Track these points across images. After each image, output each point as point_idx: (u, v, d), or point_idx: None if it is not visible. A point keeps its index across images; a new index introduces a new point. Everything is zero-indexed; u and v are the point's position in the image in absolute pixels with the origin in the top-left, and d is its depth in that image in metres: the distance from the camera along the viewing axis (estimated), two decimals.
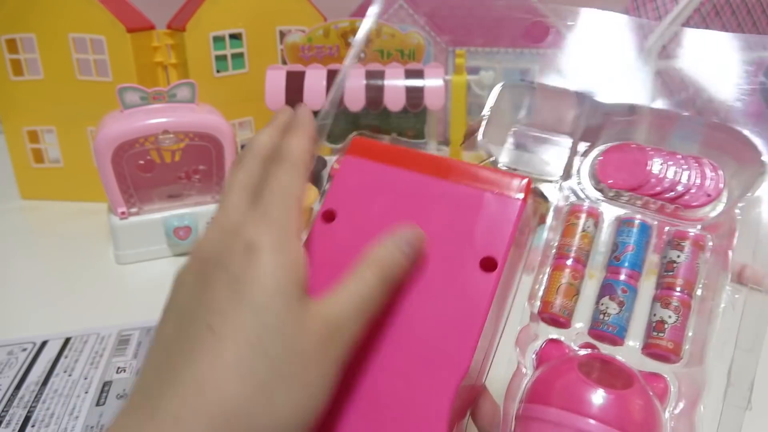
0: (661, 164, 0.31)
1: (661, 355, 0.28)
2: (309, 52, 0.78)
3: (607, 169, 0.32)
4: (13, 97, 0.80)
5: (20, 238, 0.75)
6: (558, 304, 0.30)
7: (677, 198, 0.30)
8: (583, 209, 0.32)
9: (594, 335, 0.29)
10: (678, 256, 0.29)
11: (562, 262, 0.31)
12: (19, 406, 0.45)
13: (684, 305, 0.28)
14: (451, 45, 0.86)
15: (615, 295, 0.29)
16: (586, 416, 0.25)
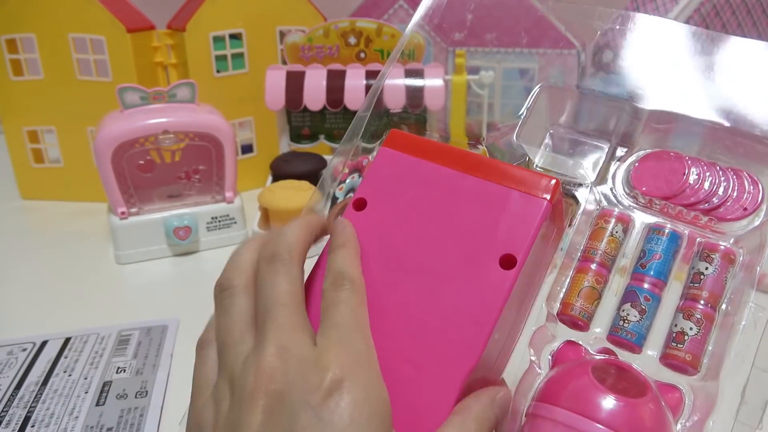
0: (698, 174, 0.31)
1: (679, 367, 0.28)
2: (309, 52, 0.78)
3: (643, 176, 0.32)
4: (13, 97, 0.80)
5: (20, 238, 0.75)
6: (578, 307, 0.30)
7: (712, 210, 0.30)
8: (614, 214, 0.31)
9: (612, 341, 0.29)
10: (706, 268, 0.29)
11: (586, 265, 0.30)
12: (19, 406, 0.45)
13: (707, 318, 0.28)
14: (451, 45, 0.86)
15: (637, 302, 0.29)
16: (595, 421, 0.25)
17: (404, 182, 0.30)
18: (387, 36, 0.77)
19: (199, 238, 0.70)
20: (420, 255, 0.28)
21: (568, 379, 0.28)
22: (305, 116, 0.79)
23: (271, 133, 0.81)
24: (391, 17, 0.86)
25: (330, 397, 0.22)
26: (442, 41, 0.86)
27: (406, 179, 0.30)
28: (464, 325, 0.26)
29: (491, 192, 0.28)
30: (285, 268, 0.26)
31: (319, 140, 0.80)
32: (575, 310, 0.30)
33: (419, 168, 0.30)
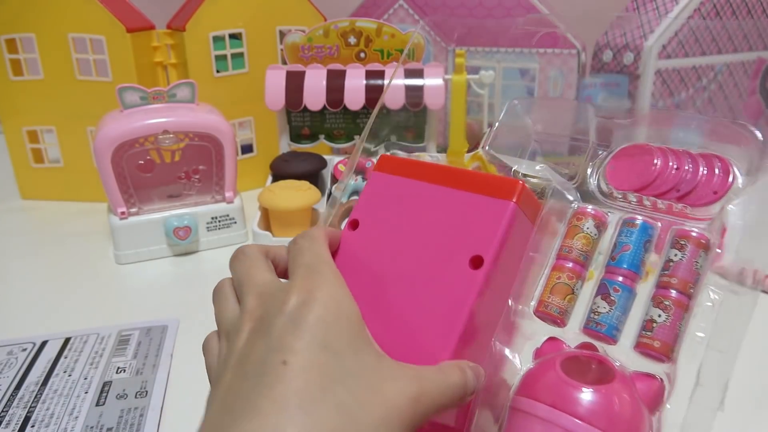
0: (668, 163, 0.31)
1: (651, 355, 0.28)
2: (309, 52, 0.78)
3: (616, 172, 0.33)
4: (12, 97, 0.80)
5: (20, 238, 0.75)
6: (552, 303, 0.31)
7: (684, 197, 0.30)
8: (587, 212, 0.32)
9: (587, 333, 0.30)
10: (675, 255, 0.29)
11: (560, 263, 0.31)
12: (19, 406, 0.45)
13: (677, 305, 0.28)
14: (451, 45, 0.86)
15: (607, 294, 0.30)
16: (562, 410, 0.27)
17: (391, 200, 0.34)
18: (387, 36, 0.77)
19: (199, 238, 0.70)
20: (404, 263, 0.31)
21: (538, 372, 0.30)
22: (305, 116, 0.78)
23: (271, 133, 0.81)
24: (391, 17, 0.86)
25: (302, 305, 0.25)
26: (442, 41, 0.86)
27: (393, 198, 0.34)
28: (439, 322, 0.29)
29: (464, 200, 0.31)
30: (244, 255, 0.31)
31: (319, 140, 0.80)
32: (549, 307, 0.31)
33: (404, 186, 0.34)
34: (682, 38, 0.80)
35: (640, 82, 0.80)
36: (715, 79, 0.85)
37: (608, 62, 0.83)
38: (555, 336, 0.31)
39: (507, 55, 0.84)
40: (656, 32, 0.78)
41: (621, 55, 0.81)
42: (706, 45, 0.82)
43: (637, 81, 0.80)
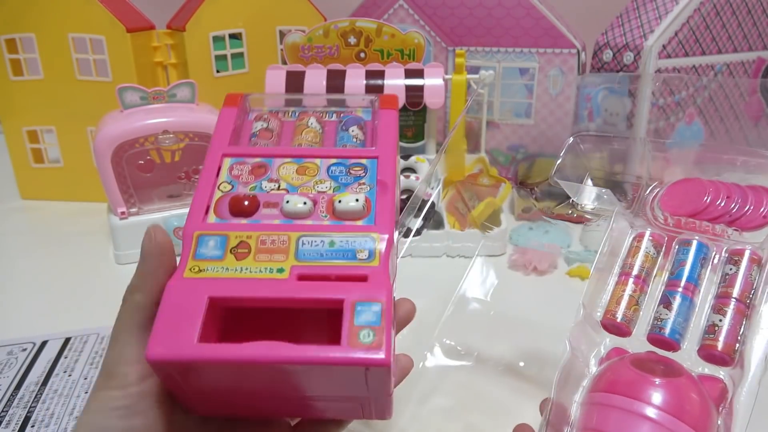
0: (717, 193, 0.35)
1: (715, 356, 0.30)
2: (309, 52, 0.78)
3: (670, 200, 0.36)
4: (12, 97, 0.79)
5: (20, 238, 0.75)
6: (619, 312, 0.33)
7: (734, 221, 0.34)
8: (646, 235, 0.35)
9: (651, 339, 0.32)
10: (731, 269, 0.33)
11: (624, 278, 0.34)
12: (19, 407, 0.45)
13: (736, 312, 0.31)
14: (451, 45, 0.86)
15: (669, 303, 0.32)
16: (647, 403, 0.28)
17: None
18: (387, 36, 0.77)
19: None
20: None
21: (609, 371, 0.31)
22: None
23: None
24: (391, 17, 0.86)
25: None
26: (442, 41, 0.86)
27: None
28: None
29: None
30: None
31: None
32: (616, 315, 0.33)
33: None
34: (682, 38, 0.80)
35: (640, 82, 0.80)
36: (716, 78, 0.85)
37: (608, 62, 0.83)
38: (619, 346, 0.33)
39: (507, 55, 0.84)
40: (656, 32, 0.78)
41: (621, 54, 0.81)
42: (706, 45, 0.82)
43: (638, 80, 0.80)
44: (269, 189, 0.31)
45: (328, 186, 0.31)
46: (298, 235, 0.29)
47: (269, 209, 0.30)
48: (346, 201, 0.30)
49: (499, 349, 0.50)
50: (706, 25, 0.81)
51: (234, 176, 0.31)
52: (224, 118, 0.33)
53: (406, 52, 0.78)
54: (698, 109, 0.86)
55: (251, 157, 0.32)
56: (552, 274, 0.63)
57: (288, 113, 0.33)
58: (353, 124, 0.33)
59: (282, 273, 0.28)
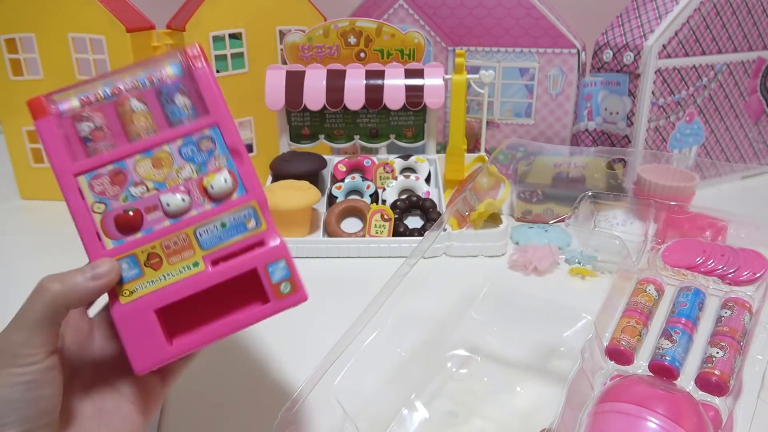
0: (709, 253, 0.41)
1: (712, 384, 0.33)
2: (309, 52, 0.78)
3: (671, 254, 0.43)
4: (12, 96, 0.80)
5: (20, 238, 0.75)
6: (623, 339, 0.36)
7: (725, 276, 0.40)
8: (649, 280, 0.41)
9: (652, 366, 0.35)
10: (725, 312, 0.37)
11: (629, 312, 0.39)
12: None
13: (731, 346, 0.35)
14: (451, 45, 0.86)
15: (670, 335, 0.36)
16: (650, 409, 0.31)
17: None
18: (387, 36, 0.77)
19: None
20: None
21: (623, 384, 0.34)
22: (305, 116, 0.79)
23: (271, 133, 0.81)
24: (390, 17, 0.86)
25: None
26: (442, 41, 0.86)
27: None
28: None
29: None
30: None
31: (319, 140, 0.80)
32: (621, 342, 0.36)
33: None
34: (682, 38, 0.80)
35: (641, 81, 0.80)
36: (716, 78, 0.85)
37: (608, 61, 0.83)
38: (621, 373, 0.36)
39: (507, 55, 0.84)
40: (656, 32, 0.78)
41: (621, 54, 0.81)
42: (706, 45, 0.82)
43: (638, 80, 0.80)
44: (140, 194, 0.32)
45: (190, 170, 0.33)
46: (193, 229, 0.32)
47: (152, 214, 0.32)
48: (217, 185, 0.33)
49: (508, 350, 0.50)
50: (706, 25, 0.81)
51: (99, 193, 0.32)
52: (47, 133, 0.31)
53: (406, 51, 0.78)
54: (698, 109, 0.86)
55: (102, 167, 0.32)
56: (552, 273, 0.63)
57: (99, 96, 0.32)
58: (175, 92, 0.33)
59: (198, 266, 0.32)
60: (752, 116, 0.93)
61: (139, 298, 0.32)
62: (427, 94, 0.75)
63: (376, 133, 0.79)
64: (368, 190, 0.74)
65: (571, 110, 0.85)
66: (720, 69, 0.85)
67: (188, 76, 0.34)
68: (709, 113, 0.87)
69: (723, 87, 0.87)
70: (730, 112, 0.90)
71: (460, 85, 0.75)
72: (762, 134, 0.96)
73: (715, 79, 0.85)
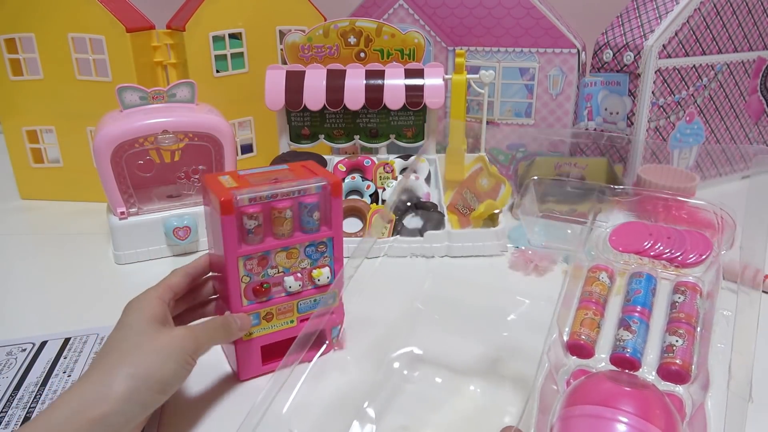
0: (657, 236, 0.40)
1: (674, 372, 0.33)
2: (309, 52, 0.78)
3: (617, 239, 0.42)
4: (12, 96, 0.80)
5: (20, 238, 0.75)
6: (583, 333, 0.36)
7: (672, 260, 0.39)
8: (600, 267, 0.40)
9: (614, 360, 0.35)
10: (679, 298, 0.37)
11: (585, 304, 0.38)
12: (18, 407, 0.45)
13: (688, 333, 0.35)
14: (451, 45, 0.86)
15: (628, 325, 0.36)
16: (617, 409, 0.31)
17: None
18: (387, 36, 0.77)
19: (199, 238, 0.70)
20: None
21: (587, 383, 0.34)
22: (305, 116, 0.78)
23: (271, 133, 0.81)
24: (390, 17, 0.86)
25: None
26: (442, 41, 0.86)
27: None
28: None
29: None
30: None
31: (318, 140, 0.80)
32: (581, 336, 0.36)
33: None
34: (682, 38, 0.79)
35: (641, 81, 0.80)
36: (716, 78, 0.85)
37: (608, 61, 0.83)
38: (583, 367, 0.36)
39: (507, 55, 0.84)
40: (656, 32, 0.78)
41: (621, 54, 0.81)
42: (707, 45, 0.82)
43: (638, 80, 0.80)
44: (273, 273, 0.47)
45: (307, 263, 0.48)
46: (297, 302, 0.49)
47: (276, 288, 0.48)
48: (322, 279, 0.49)
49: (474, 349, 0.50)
50: (706, 25, 0.81)
51: (248, 270, 0.46)
52: (228, 226, 0.44)
53: (406, 51, 0.78)
54: (698, 109, 0.86)
55: (255, 253, 0.46)
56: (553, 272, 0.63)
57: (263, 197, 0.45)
58: (315, 209, 0.47)
59: (292, 323, 0.49)
60: (752, 116, 0.93)
61: (254, 338, 0.48)
62: (427, 94, 0.75)
63: (376, 133, 0.79)
64: (368, 190, 0.74)
65: (571, 110, 0.85)
66: (720, 69, 0.85)
67: (324, 199, 0.47)
68: (709, 113, 0.87)
69: (723, 87, 0.87)
70: (730, 112, 0.90)
71: (460, 85, 0.75)
72: (762, 134, 0.96)
73: (715, 79, 0.85)
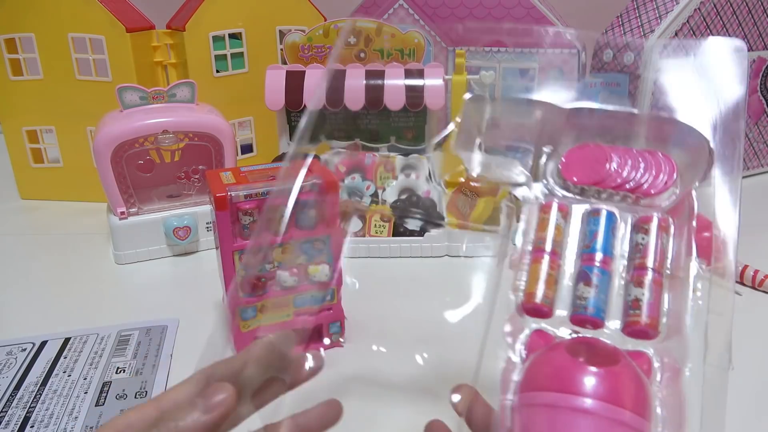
0: (619, 159, 0.33)
1: (641, 332, 0.29)
2: (309, 52, 0.78)
3: (571, 168, 0.34)
4: (12, 96, 0.79)
5: (20, 238, 0.75)
6: (540, 295, 0.31)
7: (637, 188, 0.33)
8: (553, 205, 0.34)
9: (575, 320, 0.31)
10: (643, 239, 0.31)
11: (539, 255, 0.32)
12: (18, 407, 0.45)
13: (656, 283, 0.30)
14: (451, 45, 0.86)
15: (589, 280, 0.31)
16: (580, 395, 0.26)
17: None
18: (387, 36, 0.77)
19: (199, 238, 0.70)
20: None
21: (545, 363, 0.29)
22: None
23: (271, 133, 0.81)
24: (390, 17, 0.86)
25: None
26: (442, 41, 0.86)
27: None
28: None
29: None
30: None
31: (318, 140, 0.80)
32: (537, 298, 0.31)
33: None
34: (682, 38, 0.79)
35: (641, 82, 0.80)
36: None
37: (608, 62, 0.83)
38: (541, 328, 0.31)
39: (507, 55, 0.84)
40: (656, 32, 0.78)
41: (621, 54, 0.81)
42: None
43: (638, 80, 0.80)
44: (269, 268, 0.48)
45: (303, 259, 0.48)
46: (293, 296, 0.49)
47: (272, 281, 0.48)
48: (318, 275, 0.48)
49: None
50: (706, 25, 0.81)
51: (244, 264, 0.46)
52: (222, 221, 0.46)
53: (406, 51, 0.78)
54: None
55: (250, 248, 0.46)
56: None
57: (258, 193, 0.46)
58: (311, 207, 0.47)
59: (289, 317, 0.49)
60: (752, 116, 0.93)
61: (251, 330, 0.48)
62: (427, 94, 0.75)
63: (377, 134, 0.79)
64: (368, 190, 0.74)
65: None
66: None
67: (321, 196, 0.47)
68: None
69: None
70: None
71: (460, 85, 0.75)
72: (762, 134, 0.96)
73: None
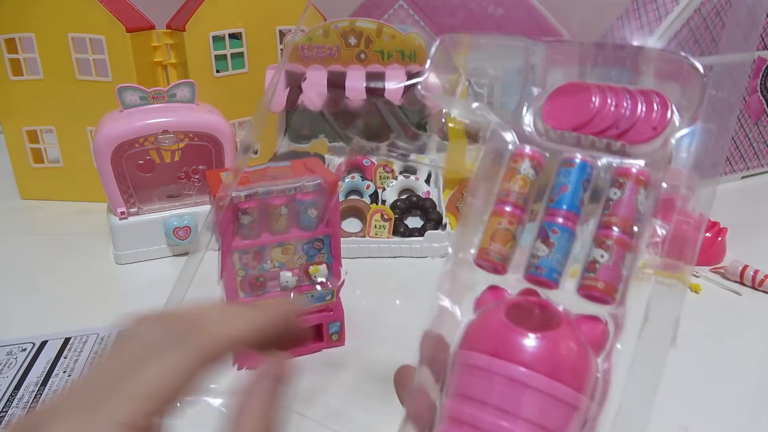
0: (606, 100, 0.29)
1: (595, 297, 0.27)
2: (309, 52, 0.78)
3: (553, 110, 0.30)
4: (12, 96, 0.79)
5: (20, 238, 0.75)
6: (493, 250, 0.29)
7: (622, 134, 0.29)
8: (525, 153, 0.30)
9: (528, 279, 0.28)
10: (614, 194, 0.28)
11: (500, 208, 0.29)
12: (18, 407, 0.45)
13: (619, 244, 0.27)
14: None
15: (546, 237, 0.28)
16: (512, 362, 0.25)
17: None
18: (387, 36, 0.77)
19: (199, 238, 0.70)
20: None
21: (483, 322, 0.28)
22: (305, 116, 0.78)
23: (271, 133, 0.81)
24: (391, 17, 0.86)
25: None
26: None
27: None
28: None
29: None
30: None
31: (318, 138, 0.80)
32: (491, 254, 0.29)
33: None
34: (682, 39, 0.80)
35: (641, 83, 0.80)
36: None
37: None
38: (495, 284, 0.29)
39: None
40: (656, 33, 0.78)
41: None
42: (706, 45, 0.82)
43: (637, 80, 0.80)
44: (269, 268, 0.48)
45: (304, 259, 0.49)
46: (292, 296, 0.49)
47: (272, 282, 0.49)
48: (319, 275, 0.50)
49: None
50: (706, 26, 0.81)
51: (244, 264, 0.47)
52: (224, 221, 0.45)
53: (406, 53, 0.78)
54: None
55: (251, 247, 0.47)
56: None
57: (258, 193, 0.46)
58: (311, 207, 0.48)
59: None
60: (752, 116, 0.93)
61: None
62: None
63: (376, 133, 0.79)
64: (368, 190, 0.74)
65: None
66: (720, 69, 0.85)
67: (322, 197, 0.47)
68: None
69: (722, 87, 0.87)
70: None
71: None
72: (762, 134, 0.96)
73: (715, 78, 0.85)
